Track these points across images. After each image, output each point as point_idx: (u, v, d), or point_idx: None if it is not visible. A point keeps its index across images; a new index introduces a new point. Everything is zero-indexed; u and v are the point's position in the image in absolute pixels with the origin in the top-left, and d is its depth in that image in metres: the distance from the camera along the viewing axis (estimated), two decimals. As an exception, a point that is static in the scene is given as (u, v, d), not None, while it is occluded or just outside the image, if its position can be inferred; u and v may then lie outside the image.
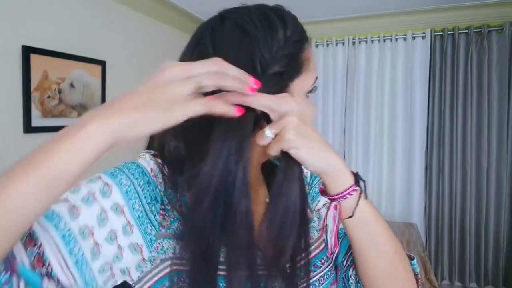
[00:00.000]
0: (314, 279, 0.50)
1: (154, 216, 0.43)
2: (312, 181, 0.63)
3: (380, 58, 2.86)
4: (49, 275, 0.36)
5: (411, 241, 2.04)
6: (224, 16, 0.45)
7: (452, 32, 2.64)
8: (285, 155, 0.40)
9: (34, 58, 1.64)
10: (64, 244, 0.37)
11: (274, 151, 0.39)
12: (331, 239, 0.46)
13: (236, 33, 0.42)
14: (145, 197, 0.43)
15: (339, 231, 0.50)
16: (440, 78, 2.70)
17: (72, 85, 1.86)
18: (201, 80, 0.34)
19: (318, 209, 0.59)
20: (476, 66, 2.59)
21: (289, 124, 0.38)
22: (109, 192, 0.41)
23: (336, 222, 0.43)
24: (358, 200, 0.41)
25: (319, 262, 0.52)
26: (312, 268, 0.51)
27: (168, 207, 0.44)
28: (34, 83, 1.65)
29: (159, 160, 0.46)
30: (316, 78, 0.48)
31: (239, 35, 0.42)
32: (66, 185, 0.32)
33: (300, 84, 0.45)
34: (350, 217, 0.42)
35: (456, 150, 2.65)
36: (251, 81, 0.37)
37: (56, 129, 1.74)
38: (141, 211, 0.42)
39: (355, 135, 2.97)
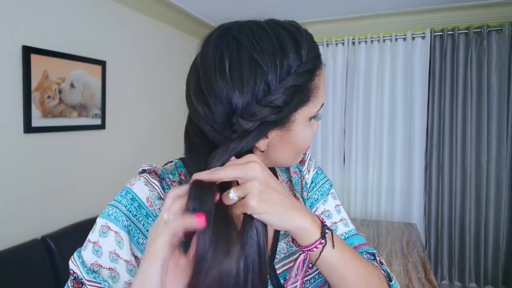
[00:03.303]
0: (305, 279, 0.54)
1: (146, 230, 0.49)
2: (313, 187, 0.64)
3: (380, 58, 2.87)
4: None
5: (410, 241, 2.04)
6: (240, 43, 0.44)
7: (451, 32, 2.65)
8: (247, 215, 0.41)
9: (34, 58, 1.64)
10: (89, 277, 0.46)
11: (238, 212, 0.41)
12: (299, 283, 0.49)
13: (247, 63, 0.42)
14: (135, 216, 0.49)
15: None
16: (439, 78, 2.71)
17: (72, 85, 1.86)
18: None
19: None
20: (475, 66, 2.60)
21: (252, 190, 0.39)
22: (108, 231, 0.47)
23: (304, 268, 0.47)
24: (321, 252, 0.44)
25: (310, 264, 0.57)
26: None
27: None
28: (34, 83, 1.65)
29: (156, 183, 0.51)
30: (322, 104, 0.49)
31: (250, 65, 0.42)
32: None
33: (305, 112, 0.47)
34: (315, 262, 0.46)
35: (456, 150, 2.66)
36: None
37: (56, 129, 1.74)
38: (131, 225, 0.48)
39: (355, 135, 2.97)
